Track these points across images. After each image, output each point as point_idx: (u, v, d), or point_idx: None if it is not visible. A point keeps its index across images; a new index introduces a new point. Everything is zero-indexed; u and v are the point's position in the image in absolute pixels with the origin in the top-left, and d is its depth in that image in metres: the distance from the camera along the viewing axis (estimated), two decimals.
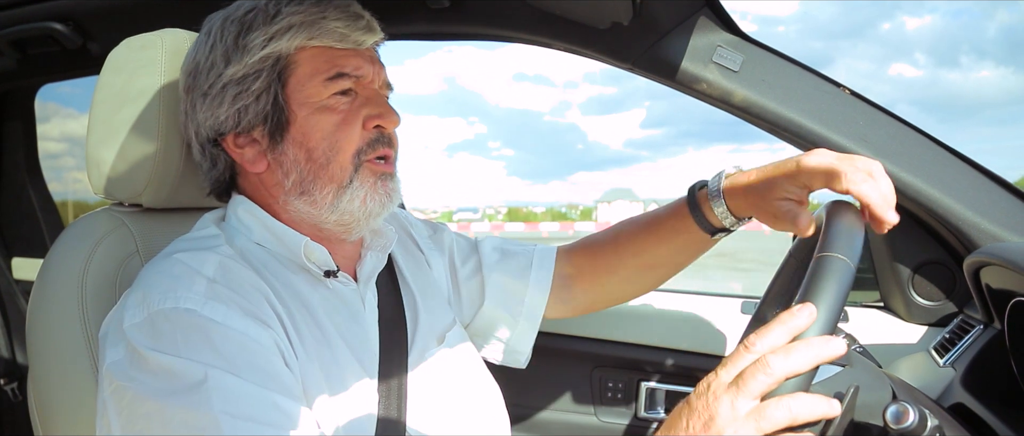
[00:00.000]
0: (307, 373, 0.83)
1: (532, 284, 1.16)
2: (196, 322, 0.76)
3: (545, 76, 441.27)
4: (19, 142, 2.16)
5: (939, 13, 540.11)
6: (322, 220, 0.92)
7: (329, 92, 0.90)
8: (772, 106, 1.32)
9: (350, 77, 0.91)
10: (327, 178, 0.90)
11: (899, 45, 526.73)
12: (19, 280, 2.19)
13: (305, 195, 0.91)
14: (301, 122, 0.90)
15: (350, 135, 0.90)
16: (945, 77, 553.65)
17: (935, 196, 1.29)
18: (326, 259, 0.92)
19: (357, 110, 0.91)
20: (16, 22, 1.49)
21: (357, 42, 0.92)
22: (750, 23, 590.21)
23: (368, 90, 0.93)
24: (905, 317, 1.51)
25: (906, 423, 0.84)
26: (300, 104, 0.90)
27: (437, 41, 1.53)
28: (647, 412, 1.70)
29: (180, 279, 0.80)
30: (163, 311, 0.76)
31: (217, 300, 0.78)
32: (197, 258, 0.84)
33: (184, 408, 0.71)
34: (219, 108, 0.90)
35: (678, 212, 1.06)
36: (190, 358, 0.73)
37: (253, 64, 0.88)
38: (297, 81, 0.90)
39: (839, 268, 0.71)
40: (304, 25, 0.89)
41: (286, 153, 0.90)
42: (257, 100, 0.89)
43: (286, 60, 0.89)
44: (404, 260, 1.10)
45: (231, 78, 0.89)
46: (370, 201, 0.91)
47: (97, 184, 1.01)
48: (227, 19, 0.91)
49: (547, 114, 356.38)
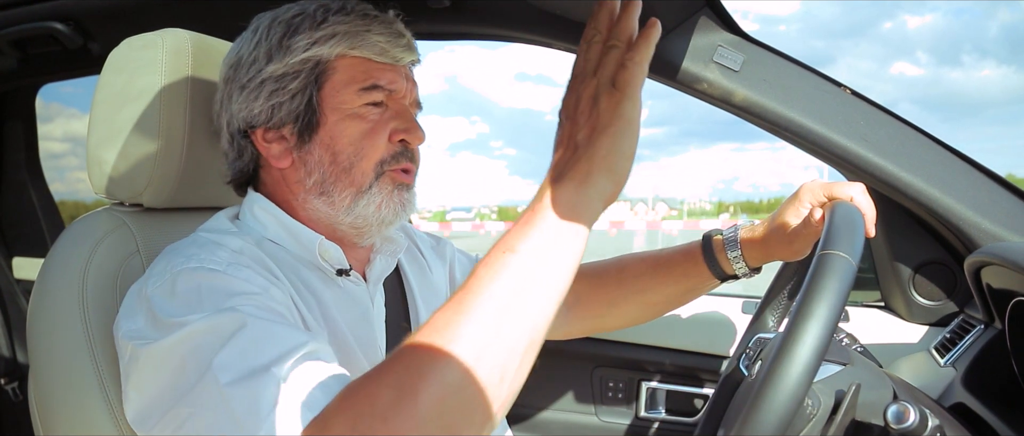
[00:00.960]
0: None
1: None
2: (220, 279, 0.77)
3: (547, 76, 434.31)
4: (20, 142, 2.16)
5: (940, 12, 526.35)
6: (338, 221, 0.94)
7: (361, 101, 0.92)
8: (773, 106, 1.32)
9: (383, 90, 0.93)
10: (348, 181, 0.92)
11: (901, 44, 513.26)
12: (20, 280, 2.19)
13: (324, 195, 0.93)
14: (331, 126, 0.92)
15: (375, 144, 0.93)
16: (947, 76, 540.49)
17: (936, 196, 1.29)
18: (340, 258, 0.95)
19: (386, 122, 0.93)
20: (17, 22, 1.49)
21: (395, 58, 0.94)
22: (751, 22, 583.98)
23: (398, 105, 0.96)
24: (906, 317, 1.51)
25: (907, 423, 0.84)
26: (332, 108, 0.92)
27: (438, 41, 1.53)
28: (648, 412, 1.70)
29: (205, 247, 0.83)
30: (188, 269, 0.78)
31: (241, 264, 0.81)
32: (221, 238, 0.87)
33: (206, 324, 0.71)
34: (255, 101, 0.93)
35: (691, 257, 1.14)
36: (210, 309, 0.73)
37: (294, 64, 0.91)
38: (333, 86, 0.92)
39: (841, 266, 0.71)
40: (348, 35, 0.91)
41: (312, 153, 0.93)
42: (292, 99, 0.92)
43: (325, 65, 0.92)
44: (409, 265, 1.12)
45: (271, 75, 0.92)
46: (385, 208, 0.93)
47: (98, 184, 1.01)
48: (275, 20, 0.94)
49: (549, 114, 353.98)
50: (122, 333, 0.77)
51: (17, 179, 2.18)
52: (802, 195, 1.03)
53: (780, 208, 1.06)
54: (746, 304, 1.64)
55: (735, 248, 1.10)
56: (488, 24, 1.45)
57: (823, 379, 0.89)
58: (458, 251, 1.25)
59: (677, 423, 1.68)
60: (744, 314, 1.62)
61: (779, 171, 45.48)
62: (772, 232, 1.07)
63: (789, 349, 0.67)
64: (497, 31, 1.46)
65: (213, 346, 0.69)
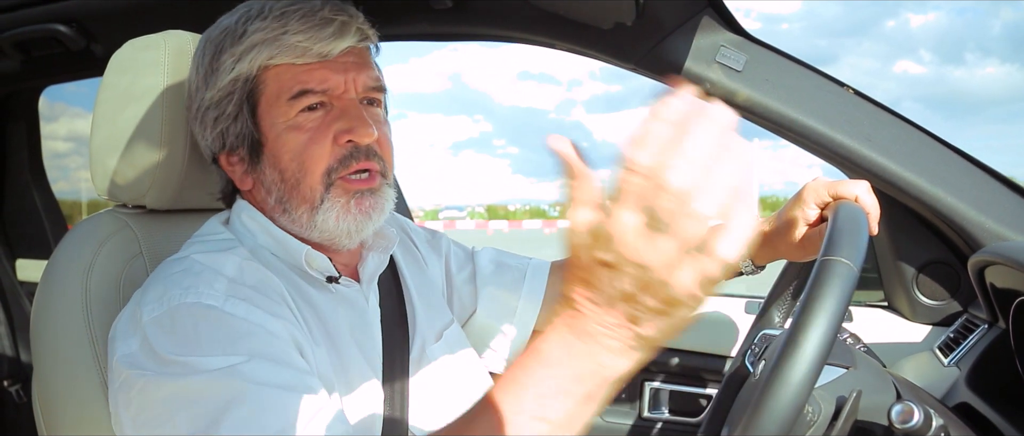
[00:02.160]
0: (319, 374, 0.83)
1: (524, 297, 1.18)
2: (217, 318, 0.75)
3: (550, 75, 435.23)
4: (23, 143, 2.16)
5: (943, 10, 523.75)
6: (308, 235, 0.91)
7: (295, 110, 0.87)
8: (776, 106, 1.31)
9: (315, 92, 0.87)
10: (300, 198, 0.88)
11: (904, 42, 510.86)
12: (23, 281, 2.20)
13: (286, 213, 0.90)
14: (272, 143, 0.88)
15: (319, 153, 0.87)
16: (950, 74, 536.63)
17: (939, 195, 1.29)
18: (327, 266, 0.92)
19: (328, 125, 0.87)
20: (20, 24, 1.49)
21: (321, 54, 0.86)
22: (754, 21, 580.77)
23: (342, 102, 0.89)
24: (909, 316, 1.51)
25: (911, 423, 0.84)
26: (270, 125, 0.88)
27: (440, 41, 1.53)
28: (651, 412, 1.70)
29: (201, 276, 0.80)
30: (185, 305, 0.76)
31: (238, 298, 0.78)
32: (217, 259, 0.84)
33: (205, 383, 0.70)
34: (206, 130, 0.91)
35: None
36: (209, 353, 0.72)
37: (224, 87, 0.88)
38: (267, 101, 0.88)
39: (842, 273, 0.71)
40: (265, 43, 0.86)
41: (264, 173, 0.90)
42: (235, 121, 0.89)
43: (253, 82, 0.87)
44: (404, 259, 1.11)
45: (210, 102, 0.89)
46: (342, 221, 0.89)
47: (101, 186, 1.01)
48: (207, 41, 0.90)
49: (552, 112, 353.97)
50: (118, 357, 0.76)
51: (20, 181, 2.19)
52: (806, 195, 1.00)
53: (784, 207, 1.05)
54: (749, 304, 1.64)
55: None
56: (490, 24, 1.44)
57: (825, 384, 0.88)
58: (453, 244, 1.23)
59: (680, 423, 1.68)
60: (747, 314, 1.62)
61: (782, 169, 44.92)
62: (776, 231, 1.06)
63: (790, 357, 0.67)
64: (499, 31, 1.46)
65: (210, 414, 0.68)
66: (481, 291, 1.19)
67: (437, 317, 1.07)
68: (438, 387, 0.98)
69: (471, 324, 1.19)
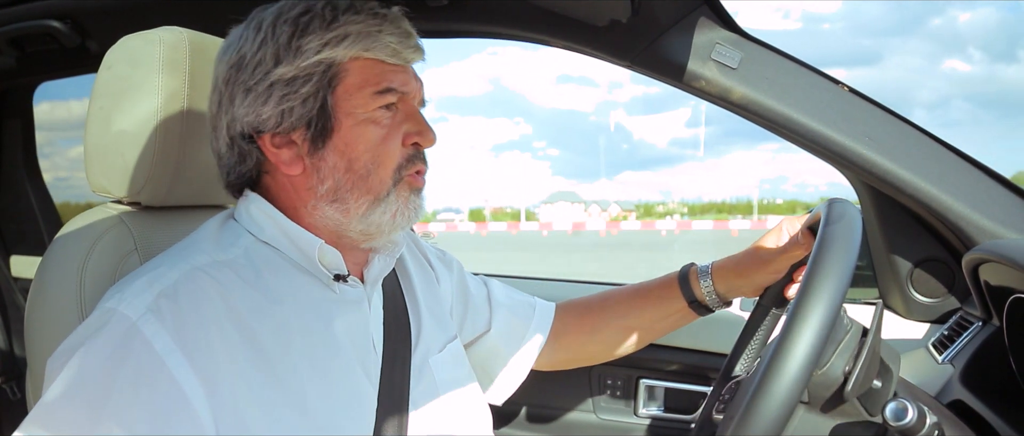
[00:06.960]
0: (300, 378, 0.83)
1: (533, 328, 1.23)
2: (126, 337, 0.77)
3: (588, 78, 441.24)
4: (17, 140, 2.15)
5: (993, 6, 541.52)
6: (347, 228, 0.91)
7: (375, 105, 0.89)
8: (771, 103, 1.32)
9: (396, 92, 0.91)
10: (365, 189, 0.90)
11: (951, 40, 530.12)
12: (17, 278, 2.19)
13: (338, 202, 0.90)
14: (346, 131, 0.89)
15: (392, 150, 0.91)
16: (1002, 72, 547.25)
17: (934, 193, 1.29)
18: (338, 263, 0.92)
19: (398, 126, 0.92)
20: (14, 20, 1.49)
21: (406, 59, 0.93)
22: (794, 21, 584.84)
23: (409, 106, 0.94)
24: (904, 314, 1.51)
25: (905, 420, 0.84)
26: (346, 113, 0.89)
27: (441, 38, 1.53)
28: (646, 409, 1.70)
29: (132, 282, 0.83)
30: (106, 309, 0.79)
31: (158, 315, 0.78)
32: (169, 268, 0.84)
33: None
34: (263, 105, 0.88)
35: (669, 284, 1.20)
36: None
37: (305, 67, 0.87)
38: (345, 90, 0.89)
39: (849, 214, 0.73)
40: (361, 36, 0.88)
41: (325, 159, 0.89)
42: (304, 103, 0.88)
43: (338, 68, 0.88)
44: (415, 270, 1.11)
45: (280, 78, 0.87)
46: (400, 216, 0.92)
47: (95, 182, 1.01)
48: (280, 17, 0.89)
49: (592, 114, 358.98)
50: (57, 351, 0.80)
51: (15, 177, 2.18)
52: (782, 225, 1.12)
53: (759, 239, 1.14)
54: (744, 301, 1.64)
55: (707, 277, 1.16)
56: (486, 22, 1.44)
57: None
58: (461, 267, 1.25)
59: (675, 420, 1.69)
60: (742, 311, 1.62)
61: (825, 168, 46.17)
62: (748, 257, 1.14)
63: (791, 335, 0.67)
64: (495, 29, 1.46)
65: None
66: (495, 312, 1.22)
67: (442, 330, 1.07)
68: (438, 397, 0.98)
69: (481, 344, 1.20)
